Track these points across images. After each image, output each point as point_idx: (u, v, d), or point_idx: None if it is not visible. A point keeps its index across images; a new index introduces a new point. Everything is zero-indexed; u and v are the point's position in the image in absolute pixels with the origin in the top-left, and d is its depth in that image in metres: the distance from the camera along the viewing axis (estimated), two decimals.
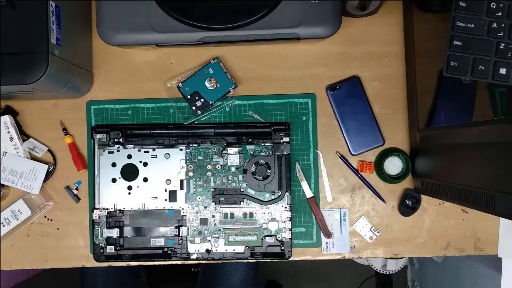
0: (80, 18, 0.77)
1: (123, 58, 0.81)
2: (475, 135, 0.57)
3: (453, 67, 0.55)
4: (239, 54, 0.80)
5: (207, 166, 0.80)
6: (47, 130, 0.81)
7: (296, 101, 0.80)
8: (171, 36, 0.70)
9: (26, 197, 0.80)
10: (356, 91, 0.79)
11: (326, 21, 0.69)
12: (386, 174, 0.78)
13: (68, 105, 0.81)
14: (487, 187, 0.53)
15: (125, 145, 0.80)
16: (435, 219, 0.80)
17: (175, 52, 0.80)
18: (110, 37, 0.70)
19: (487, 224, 0.79)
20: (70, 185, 0.81)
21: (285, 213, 0.79)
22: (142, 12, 0.69)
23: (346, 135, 0.79)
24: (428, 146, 0.72)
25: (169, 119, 0.81)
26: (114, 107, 0.81)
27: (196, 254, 0.79)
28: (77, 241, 0.81)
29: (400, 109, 0.80)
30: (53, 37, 0.64)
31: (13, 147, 0.78)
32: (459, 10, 0.55)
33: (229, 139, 0.79)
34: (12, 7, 0.63)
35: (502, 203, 0.50)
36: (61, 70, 0.68)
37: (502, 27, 0.54)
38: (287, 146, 0.78)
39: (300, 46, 0.79)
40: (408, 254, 0.80)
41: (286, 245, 0.79)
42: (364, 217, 0.80)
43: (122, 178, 0.79)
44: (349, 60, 0.80)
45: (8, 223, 0.79)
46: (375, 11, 0.77)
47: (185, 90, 0.78)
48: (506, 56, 0.54)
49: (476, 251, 0.80)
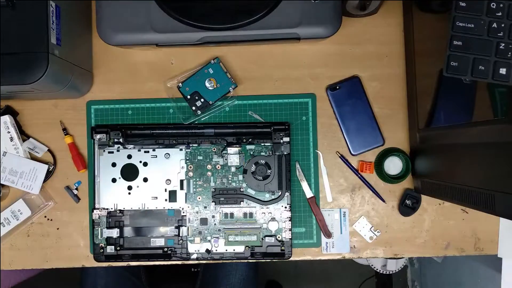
0: (80, 18, 0.77)
1: (123, 58, 0.81)
2: (475, 135, 0.57)
3: (453, 67, 0.55)
4: (239, 54, 0.80)
5: (207, 166, 0.80)
6: (47, 130, 0.81)
7: (296, 101, 0.80)
8: (171, 36, 0.70)
9: (26, 197, 0.80)
10: (356, 91, 0.79)
11: (326, 21, 0.69)
12: (386, 174, 0.78)
13: (68, 105, 0.81)
14: (487, 187, 0.53)
15: (125, 145, 0.80)
16: (435, 219, 0.80)
17: (175, 52, 0.80)
18: (110, 37, 0.70)
19: (487, 224, 0.79)
20: (70, 185, 0.81)
21: (285, 213, 0.79)
22: (142, 12, 0.69)
23: (346, 135, 0.79)
24: (428, 146, 0.72)
25: (169, 119, 0.81)
26: (114, 107, 0.81)
27: (196, 254, 0.79)
28: (77, 241, 0.81)
29: (400, 109, 0.80)
30: (53, 37, 0.64)
31: (13, 147, 0.78)
32: (459, 10, 0.55)
33: (229, 139, 0.79)
34: (12, 7, 0.63)
35: (502, 203, 0.50)
36: (61, 70, 0.68)
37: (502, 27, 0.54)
38: (287, 146, 0.78)
39: (300, 46, 0.79)
40: (408, 254, 0.80)
41: (286, 245, 0.79)
42: (364, 217, 0.80)
43: (122, 178, 0.79)
44: (349, 60, 0.80)
45: (8, 223, 0.79)
46: (375, 11, 0.77)
47: (185, 90, 0.78)
48: (506, 56, 0.54)
49: (476, 251, 0.80)
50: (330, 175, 0.80)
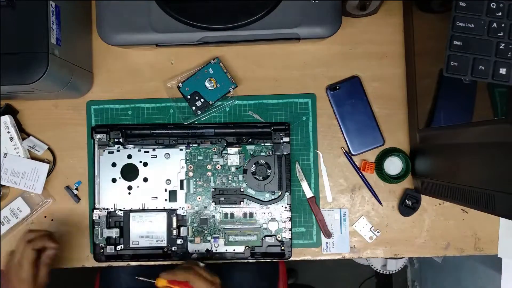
0: (80, 18, 0.77)
1: (123, 58, 0.81)
2: (475, 135, 0.57)
3: (453, 67, 0.55)
4: (239, 54, 0.80)
5: (207, 166, 0.80)
6: (47, 130, 0.81)
7: (296, 101, 0.80)
8: (171, 36, 0.70)
9: (25, 195, 0.80)
10: (356, 91, 0.79)
11: (326, 21, 0.69)
12: (386, 174, 0.78)
13: (68, 105, 0.81)
14: (487, 187, 0.53)
15: (125, 145, 0.80)
16: (435, 219, 0.80)
17: (175, 52, 0.80)
18: (110, 37, 0.70)
19: (487, 224, 0.79)
20: (70, 185, 0.81)
21: (285, 213, 0.79)
22: (142, 12, 0.69)
23: (346, 135, 0.79)
24: (428, 146, 0.72)
25: (169, 119, 0.81)
26: (114, 107, 0.81)
27: (196, 254, 0.79)
28: (77, 241, 0.81)
29: (400, 109, 0.80)
30: (53, 37, 0.64)
31: (13, 147, 0.78)
32: (459, 10, 0.55)
33: (229, 139, 0.79)
34: (12, 7, 0.63)
35: (502, 203, 0.50)
36: (61, 70, 0.68)
37: (502, 27, 0.54)
38: (287, 146, 0.78)
39: (300, 46, 0.79)
40: (408, 254, 0.80)
41: (286, 245, 0.79)
42: (364, 217, 0.80)
43: (122, 178, 0.79)
44: (349, 60, 0.80)
45: (7, 221, 0.79)
46: (375, 11, 0.77)
47: (185, 90, 0.78)
48: (506, 56, 0.54)
49: (476, 251, 0.80)
50: (330, 175, 0.80)
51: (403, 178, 0.78)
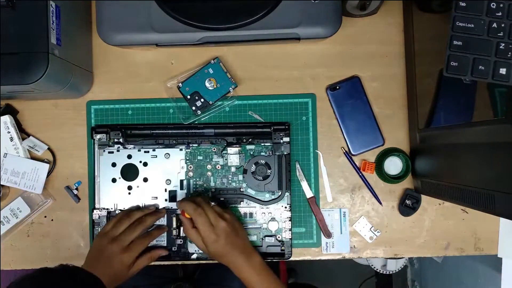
0: (80, 18, 0.77)
1: (123, 58, 0.81)
2: (475, 135, 0.57)
3: (453, 67, 0.56)
4: (239, 54, 0.80)
5: (207, 166, 0.80)
6: (47, 130, 0.81)
7: (296, 101, 0.80)
8: (171, 36, 0.70)
9: (25, 195, 0.80)
10: (356, 91, 0.79)
11: (326, 21, 0.69)
12: (386, 174, 0.78)
13: (68, 105, 0.81)
14: (487, 187, 0.53)
15: (125, 145, 0.80)
16: (435, 219, 0.80)
17: (175, 52, 0.80)
18: (110, 37, 0.70)
19: (487, 224, 0.79)
20: (70, 185, 0.81)
21: (285, 213, 0.79)
22: (142, 12, 0.69)
23: (346, 135, 0.79)
24: (428, 146, 0.72)
25: (169, 119, 0.81)
26: (114, 107, 0.81)
27: (196, 254, 0.79)
28: (77, 241, 0.81)
29: (400, 109, 0.80)
30: (53, 37, 0.64)
31: (13, 147, 0.78)
32: (459, 10, 0.55)
33: (229, 139, 0.79)
34: (12, 7, 0.63)
35: (502, 203, 0.50)
36: (61, 70, 0.68)
37: (502, 27, 0.54)
38: (287, 146, 0.78)
39: (300, 46, 0.79)
40: (408, 254, 0.80)
41: (286, 245, 0.79)
42: (364, 217, 0.80)
43: (122, 178, 0.79)
44: (349, 60, 0.80)
45: (7, 221, 0.79)
46: (375, 11, 0.77)
47: (185, 90, 0.78)
48: (506, 56, 0.54)
49: (476, 251, 0.80)
50: (330, 175, 0.80)
51: (403, 178, 0.78)
